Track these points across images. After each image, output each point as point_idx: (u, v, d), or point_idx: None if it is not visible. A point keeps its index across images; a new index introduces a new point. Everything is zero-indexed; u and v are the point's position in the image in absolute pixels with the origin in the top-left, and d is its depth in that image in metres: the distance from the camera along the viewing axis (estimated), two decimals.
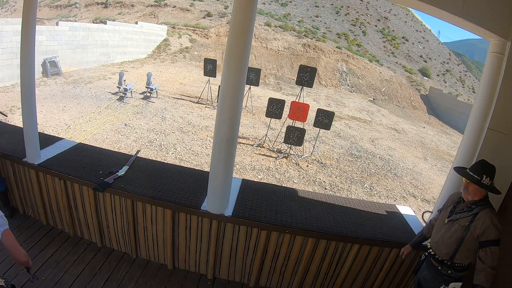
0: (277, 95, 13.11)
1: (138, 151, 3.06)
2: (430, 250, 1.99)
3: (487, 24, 1.76)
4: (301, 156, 7.15)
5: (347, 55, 19.60)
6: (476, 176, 1.82)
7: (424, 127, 14.31)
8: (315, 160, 7.17)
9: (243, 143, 7.35)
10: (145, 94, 9.77)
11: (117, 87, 9.34)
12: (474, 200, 1.87)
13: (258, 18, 19.98)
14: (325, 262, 2.39)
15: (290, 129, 6.61)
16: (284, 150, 7.22)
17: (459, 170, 1.94)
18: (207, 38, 18.49)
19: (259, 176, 6.02)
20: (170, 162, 5.43)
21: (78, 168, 2.57)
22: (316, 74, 10.67)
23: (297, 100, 7.14)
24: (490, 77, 1.85)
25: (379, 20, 26.25)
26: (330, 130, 7.95)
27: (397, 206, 2.81)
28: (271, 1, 24.84)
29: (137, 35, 15.21)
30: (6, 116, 2.78)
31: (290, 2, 25.40)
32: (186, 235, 2.46)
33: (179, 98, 10.29)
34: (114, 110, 8.23)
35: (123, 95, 9.13)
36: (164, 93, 10.48)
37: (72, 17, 21.05)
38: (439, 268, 1.93)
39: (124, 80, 9.35)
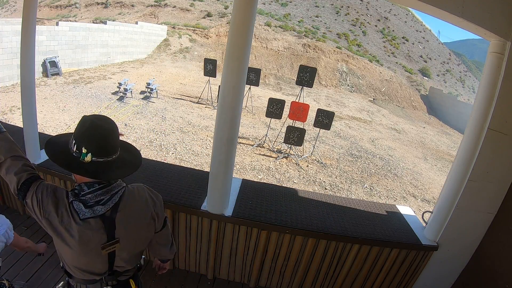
0: (277, 95, 13.11)
1: None
2: None
3: (487, 24, 1.76)
4: (301, 156, 7.15)
5: (347, 55, 19.61)
6: None
7: (424, 127, 14.31)
8: (315, 160, 7.17)
9: (243, 143, 7.35)
10: (145, 94, 9.78)
11: (117, 87, 9.34)
12: None
13: (258, 18, 19.98)
14: (325, 262, 2.39)
15: (290, 129, 6.61)
16: (284, 150, 7.22)
17: None
18: (207, 38, 18.50)
19: (259, 176, 6.03)
20: (170, 162, 5.43)
21: None
22: (316, 74, 10.67)
23: (297, 100, 7.15)
24: (490, 77, 1.85)
25: (379, 20, 26.26)
26: (330, 130, 7.95)
27: (397, 206, 2.81)
28: (271, 1, 24.84)
29: (137, 35, 15.20)
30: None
31: (290, 2, 25.40)
32: (186, 235, 2.46)
33: (179, 98, 10.30)
34: (114, 110, 8.24)
35: (123, 95, 9.14)
36: (164, 93, 10.49)
37: (72, 17, 21.06)
38: None
39: (125, 81, 9.37)
